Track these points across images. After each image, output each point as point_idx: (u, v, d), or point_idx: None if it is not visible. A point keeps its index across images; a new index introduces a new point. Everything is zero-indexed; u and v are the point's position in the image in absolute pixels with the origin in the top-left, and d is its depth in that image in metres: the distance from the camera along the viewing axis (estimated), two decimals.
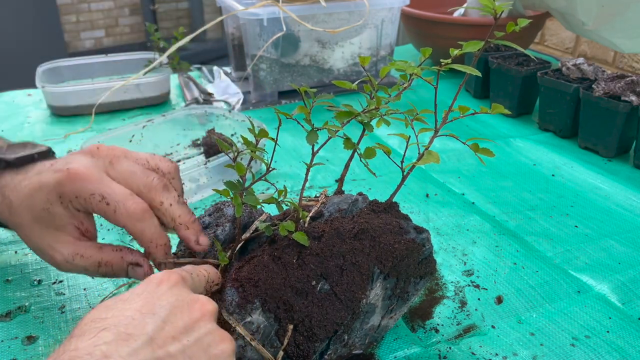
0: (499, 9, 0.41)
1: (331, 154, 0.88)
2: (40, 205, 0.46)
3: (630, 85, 0.83)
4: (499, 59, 1.02)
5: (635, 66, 1.50)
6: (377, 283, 0.45)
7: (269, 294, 0.42)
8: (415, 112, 0.48)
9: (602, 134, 0.87)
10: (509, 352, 0.51)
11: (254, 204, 0.44)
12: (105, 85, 1.01)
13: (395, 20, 1.11)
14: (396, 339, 0.52)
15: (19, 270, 0.61)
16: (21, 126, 0.99)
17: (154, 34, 1.08)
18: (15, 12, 3.00)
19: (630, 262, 0.63)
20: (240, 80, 1.14)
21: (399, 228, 0.47)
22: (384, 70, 0.47)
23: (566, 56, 1.67)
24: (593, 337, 0.53)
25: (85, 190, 0.46)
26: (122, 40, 4.03)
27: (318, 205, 0.51)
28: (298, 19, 0.96)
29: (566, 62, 0.94)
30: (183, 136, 0.90)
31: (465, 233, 0.69)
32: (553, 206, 0.75)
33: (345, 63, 1.10)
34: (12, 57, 2.99)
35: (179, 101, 1.11)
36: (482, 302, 0.57)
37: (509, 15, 1.19)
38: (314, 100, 0.46)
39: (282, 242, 0.46)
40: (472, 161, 0.87)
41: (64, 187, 0.46)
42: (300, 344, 0.42)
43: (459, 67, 0.42)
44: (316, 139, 0.44)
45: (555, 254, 0.65)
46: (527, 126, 1.00)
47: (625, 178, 0.81)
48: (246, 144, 0.43)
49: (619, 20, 0.99)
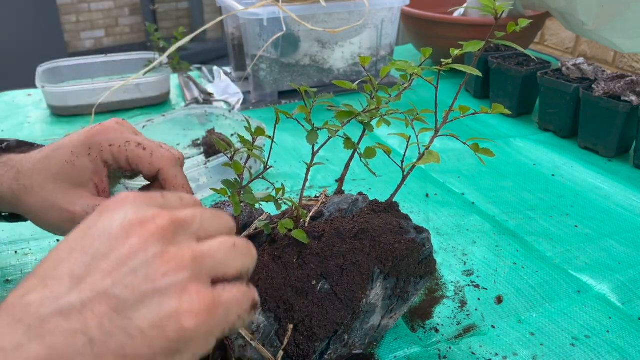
0: (500, 9, 0.41)
1: (331, 154, 0.88)
2: (63, 159, 0.47)
3: (630, 85, 0.83)
4: (499, 59, 1.02)
5: (635, 66, 1.50)
6: (377, 283, 0.45)
7: (269, 294, 0.42)
8: (416, 112, 0.48)
9: (602, 134, 0.87)
10: (509, 352, 0.51)
11: (252, 202, 0.44)
12: (105, 85, 1.01)
13: (395, 20, 1.11)
14: (396, 338, 0.52)
15: (19, 270, 0.61)
16: (21, 126, 0.99)
17: (154, 34, 1.08)
18: (15, 12, 3.00)
19: (630, 262, 0.63)
20: (240, 80, 1.14)
21: (399, 228, 0.47)
22: (384, 70, 0.47)
23: (566, 56, 1.67)
24: (593, 337, 0.53)
25: (120, 138, 0.48)
26: (122, 40, 4.03)
27: (318, 205, 0.51)
28: (298, 19, 0.96)
29: (566, 62, 0.94)
30: (183, 136, 0.90)
31: (465, 233, 0.69)
32: (553, 206, 0.75)
33: (345, 63, 1.10)
34: (12, 57, 2.99)
35: (179, 101, 1.11)
36: (482, 302, 0.57)
37: (509, 15, 1.19)
38: (314, 100, 0.46)
39: (282, 241, 0.46)
40: (472, 161, 0.87)
41: (96, 138, 0.48)
42: (300, 344, 0.42)
43: (460, 67, 0.42)
44: (316, 139, 0.44)
45: (555, 254, 0.65)
46: (527, 126, 1.00)
47: (625, 178, 0.81)
48: (243, 143, 0.43)
49: (619, 20, 0.99)
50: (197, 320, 0.28)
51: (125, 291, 0.28)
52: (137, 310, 0.27)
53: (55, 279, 0.28)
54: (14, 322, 0.26)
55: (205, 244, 0.31)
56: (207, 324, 0.29)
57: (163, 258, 0.29)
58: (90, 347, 0.26)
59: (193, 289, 0.29)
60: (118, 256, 0.29)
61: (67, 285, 0.28)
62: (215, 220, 0.33)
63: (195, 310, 0.28)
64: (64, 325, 0.26)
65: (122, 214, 0.30)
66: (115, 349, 0.27)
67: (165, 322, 0.28)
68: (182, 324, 0.28)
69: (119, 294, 0.28)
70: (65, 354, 0.26)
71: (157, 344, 0.27)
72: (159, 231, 0.30)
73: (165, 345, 0.28)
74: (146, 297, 0.28)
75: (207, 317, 0.29)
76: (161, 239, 0.30)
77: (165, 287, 0.28)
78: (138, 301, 0.28)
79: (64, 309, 0.27)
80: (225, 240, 0.32)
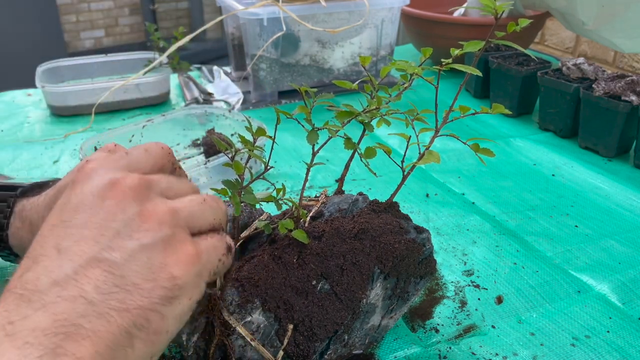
0: (500, 9, 0.41)
1: (331, 154, 0.88)
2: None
3: (631, 85, 0.83)
4: (499, 59, 1.02)
5: (635, 66, 1.50)
6: (378, 283, 0.45)
7: (269, 294, 0.42)
8: (416, 112, 0.48)
9: (602, 134, 0.87)
10: (509, 352, 0.51)
11: (252, 202, 0.44)
12: (105, 85, 1.01)
13: (395, 20, 1.11)
14: (396, 339, 0.52)
15: None
16: (21, 126, 0.99)
17: (153, 34, 1.08)
18: (15, 12, 3.00)
19: (631, 262, 0.63)
20: (240, 80, 1.14)
21: (399, 228, 0.47)
22: (384, 70, 0.47)
23: (566, 56, 1.67)
24: (593, 337, 0.53)
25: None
26: (122, 40, 4.03)
27: (318, 205, 0.51)
28: (298, 18, 0.96)
29: (566, 61, 0.94)
30: (183, 136, 0.90)
31: (465, 233, 0.69)
32: (553, 206, 0.75)
33: (345, 63, 1.10)
34: (12, 57, 2.99)
35: (179, 101, 1.11)
36: (482, 302, 0.57)
37: (509, 15, 1.19)
38: (314, 100, 0.46)
39: (283, 241, 0.46)
40: (472, 161, 0.87)
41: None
42: (300, 344, 0.42)
43: (460, 67, 0.42)
44: (316, 139, 0.44)
45: (555, 254, 0.65)
46: (527, 126, 1.00)
47: (625, 178, 0.81)
48: (244, 143, 0.43)
49: (619, 20, 0.99)
50: (185, 268, 0.31)
51: (114, 253, 0.30)
52: (129, 267, 0.29)
53: (43, 255, 0.30)
54: (17, 299, 0.28)
55: (177, 200, 0.34)
56: (194, 270, 0.32)
57: (142, 215, 0.31)
58: (91, 307, 0.28)
59: (175, 240, 0.31)
60: (97, 221, 0.30)
61: (56, 258, 0.29)
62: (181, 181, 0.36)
63: (182, 260, 0.31)
64: (62, 294, 0.28)
65: (93, 182, 0.32)
66: (116, 305, 0.29)
67: (157, 273, 0.30)
68: (172, 273, 0.30)
69: (107, 256, 0.29)
70: (69, 318, 0.28)
71: (156, 294, 0.30)
72: (131, 191, 0.32)
73: (163, 293, 0.30)
74: (134, 254, 0.30)
75: (192, 264, 0.31)
76: (135, 197, 0.31)
77: (150, 242, 0.30)
78: (127, 259, 0.30)
79: (59, 279, 0.29)
80: (194, 197, 0.35)
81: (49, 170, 0.83)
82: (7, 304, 0.28)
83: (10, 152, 0.89)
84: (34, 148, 0.90)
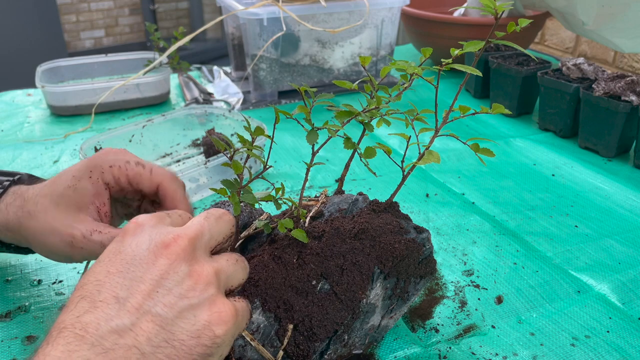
0: (500, 9, 0.41)
1: (331, 154, 0.88)
2: (66, 183, 0.49)
3: (631, 85, 0.83)
4: (499, 59, 1.02)
5: (635, 66, 1.50)
6: (377, 283, 0.45)
7: (269, 294, 0.42)
8: (416, 111, 0.48)
9: (602, 134, 0.87)
10: (509, 352, 0.51)
11: (252, 202, 0.44)
12: (105, 85, 1.01)
13: (395, 20, 1.11)
14: (396, 338, 0.52)
15: (18, 270, 0.61)
16: (21, 126, 0.99)
17: (153, 34, 1.08)
18: (15, 12, 3.00)
19: (630, 262, 0.63)
20: (240, 80, 1.14)
21: (399, 228, 0.47)
22: (384, 70, 0.47)
23: (566, 56, 1.67)
24: (593, 337, 0.53)
25: (120, 159, 0.50)
26: (122, 40, 4.03)
27: (318, 205, 0.51)
28: (298, 18, 0.96)
29: (566, 61, 0.94)
30: (183, 136, 0.90)
31: (465, 233, 0.69)
32: (553, 206, 0.75)
33: (345, 63, 1.10)
34: (12, 57, 2.99)
35: (178, 101, 1.11)
36: (482, 302, 0.57)
37: (509, 15, 1.19)
38: (314, 99, 0.46)
39: (282, 241, 0.46)
40: (472, 161, 0.87)
41: (97, 160, 0.50)
42: (300, 344, 0.42)
43: (460, 67, 0.42)
44: (316, 139, 0.44)
45: (555, 254, 0.65)
46: (527, 126, 1.00)
47: (625, 178, 0.81)
48: (242, 142, 0.43)
49: (619, 20, 0.99)
50: (225, 327, 0.34)
51: (166, 309, 0.32)
52: (177, 324, 0.32)
53: (103, 301, 0.32)
54: (77, 339, 0.30)
55: (218, 259, 0.37)
56: (232, 329, 0.34)
57: (192, 277, 0.34)
58: (143, 358, 0.31)
59: (219, 301, 0.34)
60: (152, 277, 0.33)
61: (115, 306, 0.32)
62: (219, 224, 0.39)
63: (224, 319, 0.34)
64: (120, 342, 0.31)
65: (146, 238, 0.35)
66: (162, 359, 0.31)
67: (201, 331, 0.33)
68: (214, 332, 0.33)
69: (160, 311, 0.32)
70: None
71: (196, 351, 0.32)
72: (182, 252, 0.34)
73: (202, 351, 0.33)
74: (183, 312, 0.33)
75: (232, 323, 0.34)
76: (185, 258, 0.34)
77: (197, 302, 0.33)
78: (177, 316, 0.32)
79: (118, 328, 0.31)
80: (230, 256, 0.38)
81: (49, 170, 0.83)
82: (68, 343, 0.30)
83: (10, 152, 0.89)
84: (34, 148, 0.90)
